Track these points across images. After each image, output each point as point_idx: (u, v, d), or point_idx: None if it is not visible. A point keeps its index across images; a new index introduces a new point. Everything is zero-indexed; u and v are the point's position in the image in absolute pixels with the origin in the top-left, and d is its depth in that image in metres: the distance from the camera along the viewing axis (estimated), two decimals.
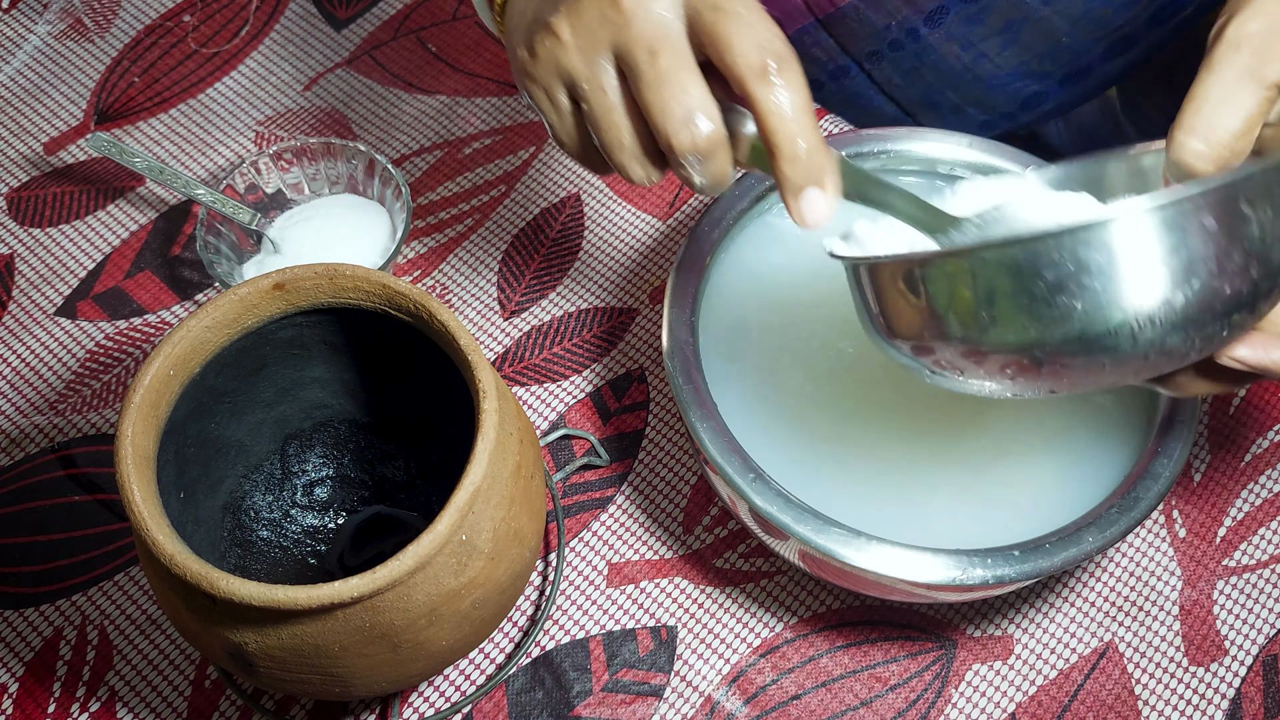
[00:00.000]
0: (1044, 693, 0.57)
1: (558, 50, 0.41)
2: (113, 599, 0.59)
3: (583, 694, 0.56)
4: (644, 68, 0.39)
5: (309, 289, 0.48)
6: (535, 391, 0.65)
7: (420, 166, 0.73)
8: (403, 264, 0.70)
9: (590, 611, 0.58)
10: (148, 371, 0.45)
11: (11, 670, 0.57)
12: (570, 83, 0.42)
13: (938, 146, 0.60)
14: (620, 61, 0.40)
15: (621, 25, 0.39)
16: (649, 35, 0.39)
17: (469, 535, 0.44)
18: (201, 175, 0.73)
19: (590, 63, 0.41)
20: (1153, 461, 0.50)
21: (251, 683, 0.51)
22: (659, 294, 0.68)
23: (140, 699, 0.56)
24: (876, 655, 0.57)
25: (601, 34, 0.40)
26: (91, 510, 0.61)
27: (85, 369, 0.66)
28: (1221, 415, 0.64)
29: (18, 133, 0.75)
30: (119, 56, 0.78)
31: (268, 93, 0.77)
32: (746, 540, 0.60)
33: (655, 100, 0.39)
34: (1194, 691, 0.57)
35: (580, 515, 0.61)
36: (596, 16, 0.40)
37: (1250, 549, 0.60)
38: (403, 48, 0.79)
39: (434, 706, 0.56)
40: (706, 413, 0.51)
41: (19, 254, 0.70)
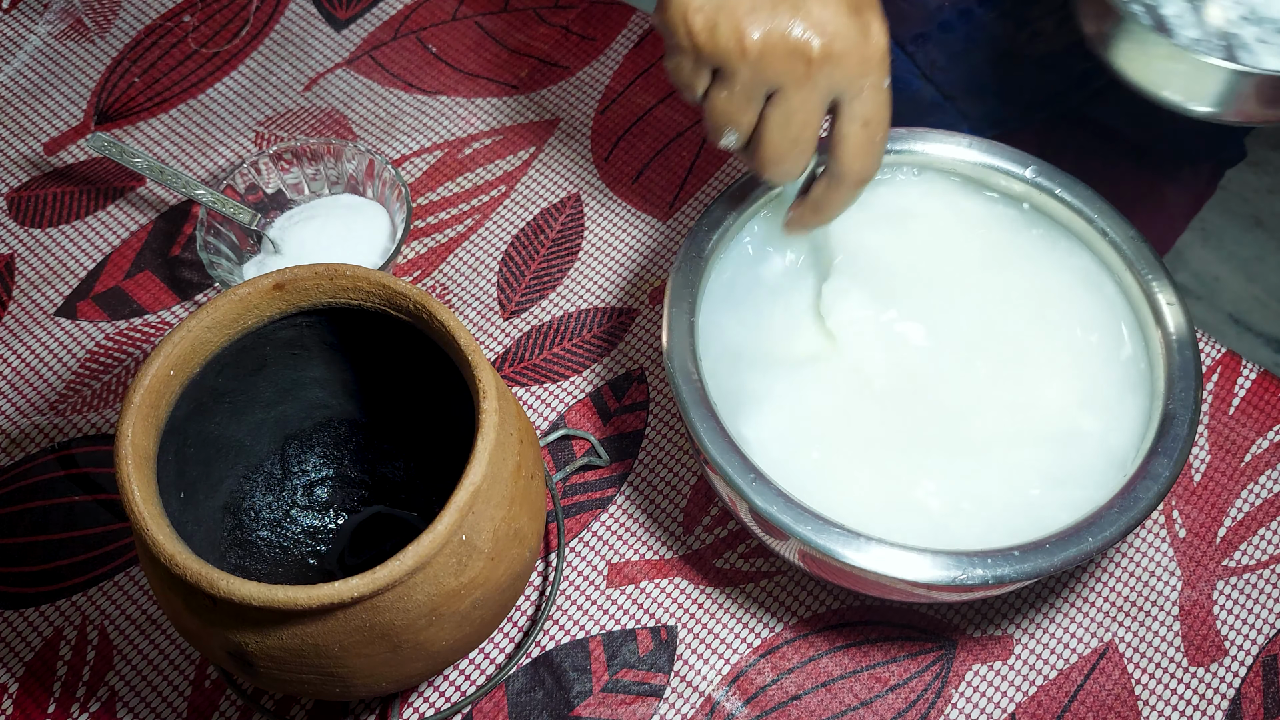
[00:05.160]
0: (1044, 693, 0.57)
1: (745, 67, 0.47)
2: (113, 599, 0.59)
3: (583, 694, 0.56)
4: (792, 115, 0.48)
5: (309, 289, 0.48)
6: (535, 391, 0.65)
7: (420, 166, 0.73)
8: (403, 264, 0.70)
9: (590, 611, 0.58)
10: (148, 371, 0.45)
11: (11, 670, 0.57)
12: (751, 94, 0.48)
13: (938, 146, 0.60)
14: (774, 94, 0.48)
15: (800, 77, 0.46)
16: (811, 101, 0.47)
17: (469, 535, 0.44)
18: (201, 175, 0.73)
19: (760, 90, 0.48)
20: (1153, 461, 0.50)
21: (251, 683, 0.51)
22: (659, 294, 0.68)
23: (140, 699, 0.56)
24: (876, 655, 0.57)
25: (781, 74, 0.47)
26: (91, 510, 0.61)
27: (85, 369, 0.66)
28: (1221, 415, 0.64)
29: (18, 133, 0.75)
30: (119, 56, 0.78)
31: (268, 93, 0.77)
32: (746, 540, 0.60)
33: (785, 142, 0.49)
34: (1194, 691, 0.57)
35: (580, 515, 0.61)
36: (784, 57, 0.46)
37: (1250, 549, 0.60)
38: (403, 48, 0.79)
39: (434, 706, 0.56)
40: (706, 413, 0.51)
41: (19, 254, 0.70)
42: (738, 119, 0.49)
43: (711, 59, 0.47)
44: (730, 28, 0.45)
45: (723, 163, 0.74)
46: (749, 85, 0.47)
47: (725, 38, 0.46)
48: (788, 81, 0.47)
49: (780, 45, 0.45)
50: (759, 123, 0.49)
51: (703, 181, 0.73)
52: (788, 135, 0.48)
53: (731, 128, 0.50)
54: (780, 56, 0.46)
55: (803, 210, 0.54)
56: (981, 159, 0.59)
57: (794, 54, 0.46)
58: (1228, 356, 0.66)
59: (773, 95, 0.48)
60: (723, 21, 0.46)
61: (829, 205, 0.52)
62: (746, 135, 0.50)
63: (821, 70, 0.46)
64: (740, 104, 0.48)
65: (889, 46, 0.47)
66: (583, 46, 0.79)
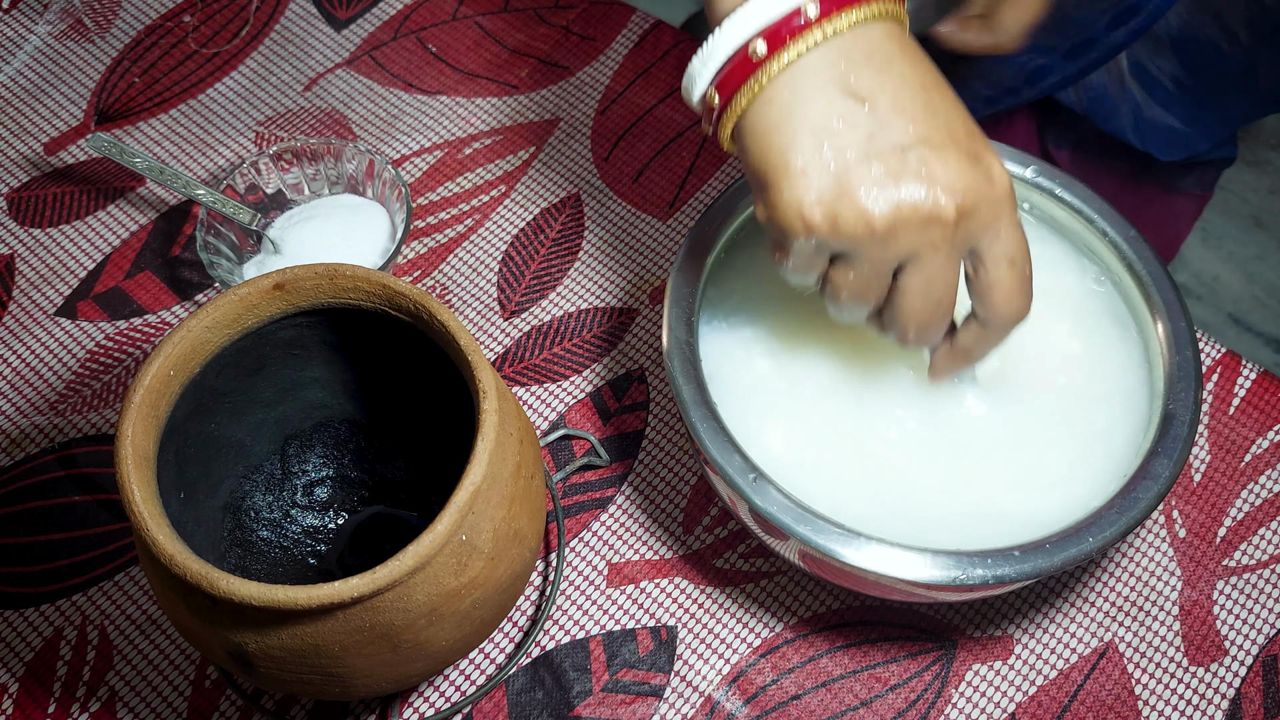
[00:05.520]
0: (1044, 693, 0.57)
1: (871, 244, 0.43)
2: (113, 599, 0.59)
3: (583, 694, 0.56)
4: (933, 281, 0.45)
5: (309, 289, 0.48)
6: (535, 391, 0.65)
7: (420, 166, 0.73)
8: (403, 264, 0.70)
9: (590, 611, 0.58)
10: (148, 371, 0.45)
11: (11, 670, 0.57)
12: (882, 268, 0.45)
13: None
14: (907, 262, 0.44)
15: (937, 242, 0.43)
16: (950, 262, 0.44)
17: (469, 535, 0.44)
18: (201, 175, 0.73)
19: (891, 261, 0.44)
20: (1153, 461, 0.50)
21: (251, 683, 0.51)
22: (659, 294, 0.68)
23: (140, 699, 0.56)
24: (876, 655, 0.57)
25: (910, 245, 0.43)
26: (91, 510, 0.61)
27: (85, 369, 0.66)
28: (1221, 415, 0.64)
29: (18, 133, 0.75)
30: (119, 57, 0.78)
31: (268, 93, 0.77)
32: (746, 540, 0.60)
33: (928, 308, 0.46)
34: (1194, 691, 0.57)
35: (580, 515, 0.61)
36: (918, 228, 0.43)
37: (1250, 549, 0.60)
38: (403, 48, 0.79)
39: (434, 706, 0.56)
40: (706, 413, 0.51)
41: (19, 254, 0.70)
42: (868, 295, 0.45)
43: (836, 246, 0.43)
44: (854, 213, 0.42)
45: (723, 163, 0.74)
46: (880, 262, 0.43)
47: (851, 224, 0.42)
48: (924, 249, 0.43)
49: (912, 217, 0.42)
50: (896, 294, 0.45)
51: (703, 181, 0.73)
52: (930, 301, 0.45)
53: (863, 302, 0.46)
54: (913, 228, 0.42)
55: (952, 356, 0.50)
56: None
57: (928, 222, 0.42)
58: (1228, 356, 0.66)
59: (905, 264, 0.44)
60: (845, 209, 0.42)
61: (980, 350, 0.49)
62: (878, 307, 0.47)
63: (958, 229, 0.43)
64: (871, 281, 0.45)
65: (1011, 184, 0.44)
66: (583, 46, 0.79)
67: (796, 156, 0.42)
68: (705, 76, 0.44)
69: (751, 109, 0.43)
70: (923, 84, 0.43)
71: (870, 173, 0.41)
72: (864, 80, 0.42)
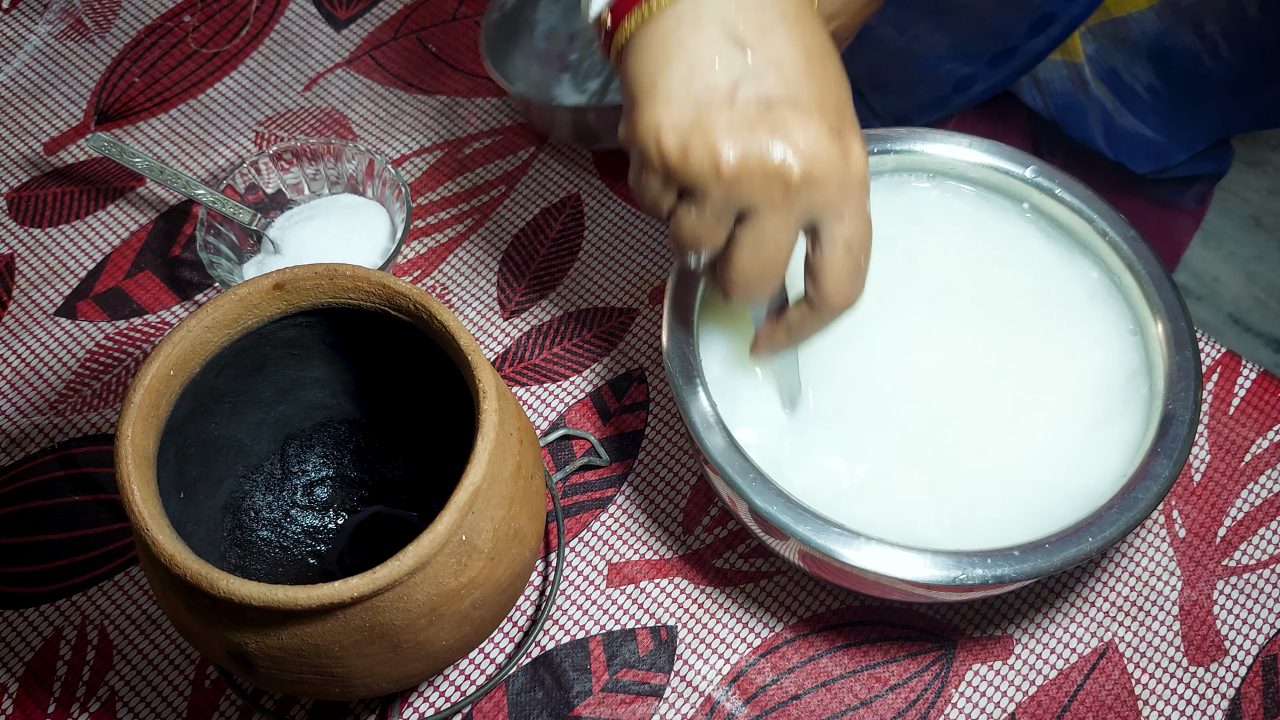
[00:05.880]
0: (1044, 693, 0.57)
1: (718, 187, 0.43)
2: (113, 599, 0.59)
3: (583, 694, 0.56)
4: (764, 239, 0.45)
5: (309, 289, 0.48)
6: (535, 391, 0.65)
7: (420, 166, 0.73)
8: (403, 264, 0.70)
9: (590, 611, 0.58)
10: (148, 371, 0.45)
11: (11, 670, 0.57)
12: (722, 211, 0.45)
13: (938, 147, 0.60)
14: (745, 215, 0.44)
15: (776, 200, 0.43)
16: (786, 224, 0.44)
17: (469, 535, 0.44)
18: (201, 175, 0.73)
19: (730, 210, 0.44)
20: (1153, 461, 0.50)
21: (251, 683, 0.51)
22: (659, 294, 0.68)
23: (140, 699, 0.56)
24: (876, 655, 0.57)
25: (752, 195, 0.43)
26: (91, 510, 0.61)
27: (85, 369, 0.66)
28: (1221, 415, 0.64)
29: (18, 133, 0.75)
30: (119, 56, 0.78)
31: (268, 93, 0.77)
32: (746, 540, 0.60)
33: (756, 266, 0.46)
34: (1194, 691, 0.57)
35: (580, 515, 0.61)
36: (761, 181, 0.43)
37: (1250, 549, 0.60)
38: (403, 48, 0.79)
39: (434, 706, 0.56)
40: (707, 413, 0.51)
41: (19, 254, 0.70)
42: (706, 240, 0.46)
43: (683, 180, 0.44)
44: (705, 149, 0.42)
45: None
46: (720, 207, 0.44)
47: (699, 158, 0.42)
48: (763, 204, 0.43)
49: (758, 168, 0.42)
50: (728, 245, 0.46)
51: None
52: (759, 259, 0.45)
53: (700, 247, 0.46)
54: (757, 179, 0.43)
55: (774, 332, 0.51)
56: (981, 159, 0.59)
57: (771, 177, 0.42)
58: (1228, 356, 0.66)
59: (744, 217, 0.45)
60: (697, 142, 0.42)
61: (802, 330, 0.50)
62: (714, 256, 0.47)
63: (800, 194, 0.43)
64: (710, 225, 0.45)
65: (867, 170, 0.44)
66: None
67: (665, 81, 0.43)
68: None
69: (638, 32, 0.44)
70: (808, 50, 0.44)
71: (730, 116, 0.42)
72: (750, 29, 0.43)
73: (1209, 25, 0.68)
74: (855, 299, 0.48)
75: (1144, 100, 0.72)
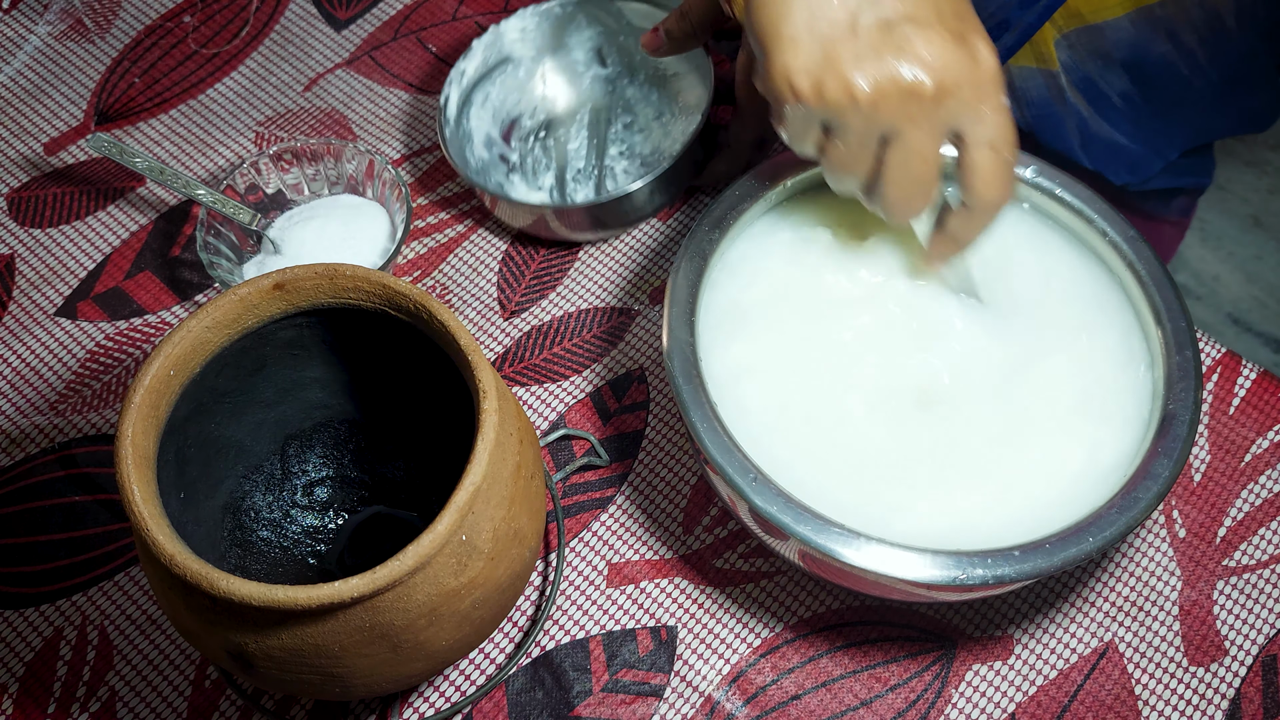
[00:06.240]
0: (1044, 693, 0.57)
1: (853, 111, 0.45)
2: (113, 599, 0.59)
3: (583, 694, 0.56)
4: (911, 156, 0.47)
5: (309, 289, 0.48)
6: (535, 391, 0.65)
7: (420, 166, 0.73)
8: (403, 264, 0.70)
9: (590, 611, 0.58)
10: (148, 371, 0.45)
11: (11, 670, 0.57)
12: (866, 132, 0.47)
13: None
14: (890, 137, 0.46)
15: (916, 117, 0.45)
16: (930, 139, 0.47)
17: (469, 535, 0.44)
18: (201, 175, 0.73)
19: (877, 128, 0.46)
20: (1153, 461, 0.50)
21: (251, 683, 0.51)
22: (659, 294, 0.68)
23: (140, 699, 0.56)
24: (876, 655, 0.57)
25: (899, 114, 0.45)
26: (91, 510, 0.61)
27: (85, 369, 0.66)
28: (1221, 415, 0.64)
29: (18, 133, 0.75)
30: (119, 57, 0.78)
31: (268, 93, 0.77)
32: (746, 540, 0.60)
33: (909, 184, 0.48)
34: (1194, 691, 0.57)
35: (580, 515, 0.61)
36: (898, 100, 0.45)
37: (1250, 549, 0.60)
38: (403, 48, 0.79)
39: (434, 707, 0.56)
40: (706, 413, 0.51)
41: (19, 254, 0.70)
42: (857, 168, 0.48)
43: (824, 116, 0.46)
44: (838, 83, 0.44)
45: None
46: (864, 134, 0.46)
47: (834, 93, 0.44)
48: (904, 124, 0.45)
49: (892, 90, 0.44)
50: (880, 167, 0.48)
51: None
52: (910, 176, 0.47)
53: (853, 175, 0.49)
54: (894, 102, 0.44)
55: (941, 242, 0.53)
56: None
57: (908, 97, 0.44)
58: (1228, 356, 0.66)
59: (889, 139, 0.46)
60: (829, 79, 0.44)
61: (966, 235, 0.51)
62: (868, 181, 0.49)
63: (937, 106, 0.45)
64: (858, 153, 0.47)
65: (999, 68, 0.46)
66: None
67: (788, 26, 0.45)
68: None
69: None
70: None
71: (855, 46, 0.44)
72: None
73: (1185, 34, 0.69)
74: (1008, 196, 0.49)
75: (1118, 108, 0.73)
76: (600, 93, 0.73)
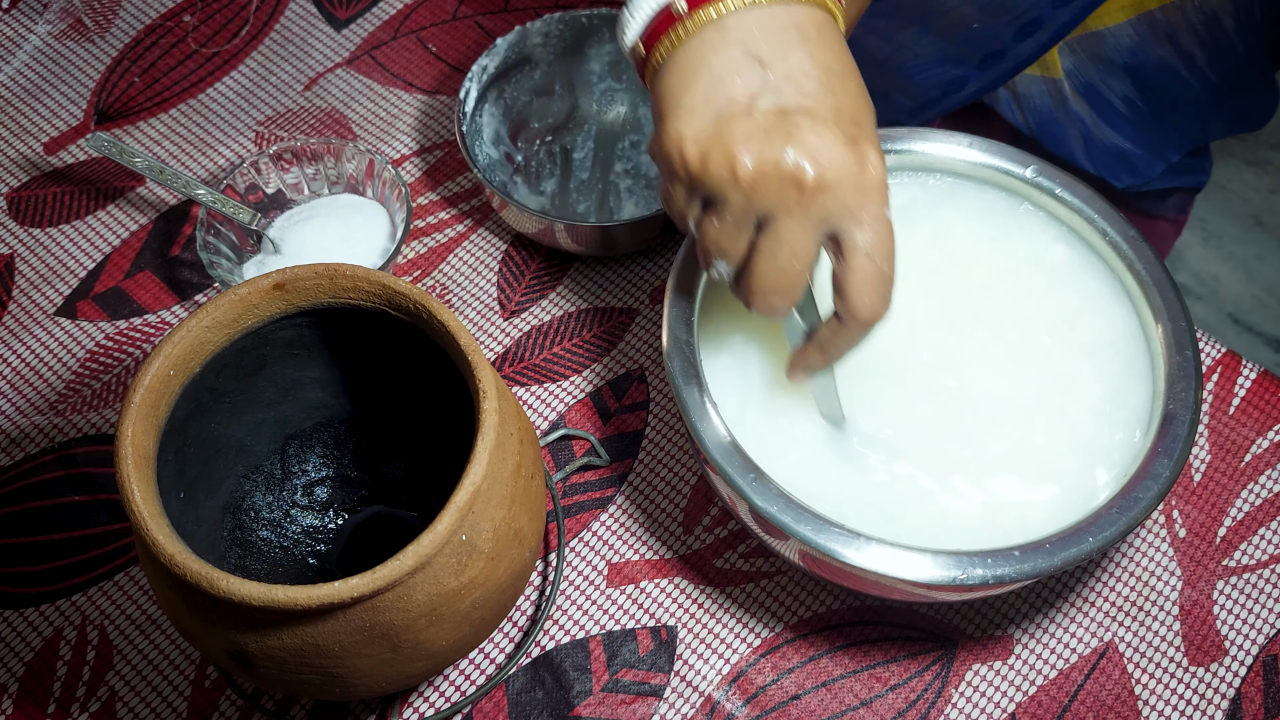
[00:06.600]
0: (1044, 693, 0.57)
1: (736, 192, 0.45)
2: (113, 599, 0.59)
3: (583, 694, 0.56)
4: (781, 243, 0.46)
5: (309, 289, 0.48)
6: (535, 391, 0.65)
7: (420, 166, 0.73)
8: (403, 264, 0.70)
9: (590, 611, 0.58)
10: (148, 371, 0.45)
11: (11, 670, 0.57)
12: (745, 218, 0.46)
13: (938, 146, 0.60)
14: (764, 222, 0.46)
15: (791, 204, 0.45)
16: (803, 230, 0.45)
17: (469, 535, 0.44)
18: (201, 175, 0.73)
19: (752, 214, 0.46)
20: (1153, 461, 0.50)
21: (251, 683, 0.51)
22: (659, 294, 0.68)
23: (140, 699, 0.56)
24: (876, 655, 0.57)
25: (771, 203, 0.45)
26: (91, 510, 0.61)
27: (85, 369, 0.66)
28: (1221, 415, 0.64)
29: (18, 133, 0.75)
30: (119, 56, 0.78)
31: (268, 93, 0.77)
32: (746, 540, 0.60)
33: (775, 273, 0.47)
34: (1194, 691, 0.57)
35: (580, 515, 0.61)
36: (776, 187, 0.45)
37: (1250, 549, 0.60)
38: (403, 48, 0.79)
39: (434, 707, 0.56)
40: (706, 413, 0.51)
41: (19, 254, 0.70)
42: (729, 248, 0.47)
43: (704, 188, 0.46)
44: (722, 155, 0.44)
45: None
46: (740, 213, 0.45)
47: (718, 166, 0.44)
48: (779, 209, 0.44)
49: (773, 172, 0.44)
50: (750, 254, 0.47)
51: None
52: (776, 264, 0.46)
53: (723, 257, 0.48)
54: (772, 184, 0.44)
55: (807, 352, 0.51)
56: (981, 158, 0.59)
57: (786, 181, 0.44)
58: (1228, 356, 0.66)
59: (763, 225, 0.46)
60: (715, 150, 0.44)
61: (835, 347, 0.49)
62: (737, 265, 0.48)
63: (815, 199, 0.44)
64: (731, 233, 0.46)
65: (886, 179, 0.45)
66: None
67: (688, 95, 0.45)
68: (634, 28, 0.48)
69: (668, 58, 0.46)
70: (828, 67, 0.45)
71: (747, 124, 0.44)
72: (769, 48, 0.45)
73: (1185, 38, 0.69)
74: (882, 311, 0.47)
75: (1120, 112, 0.73)
76: (611, 107, 0.73)
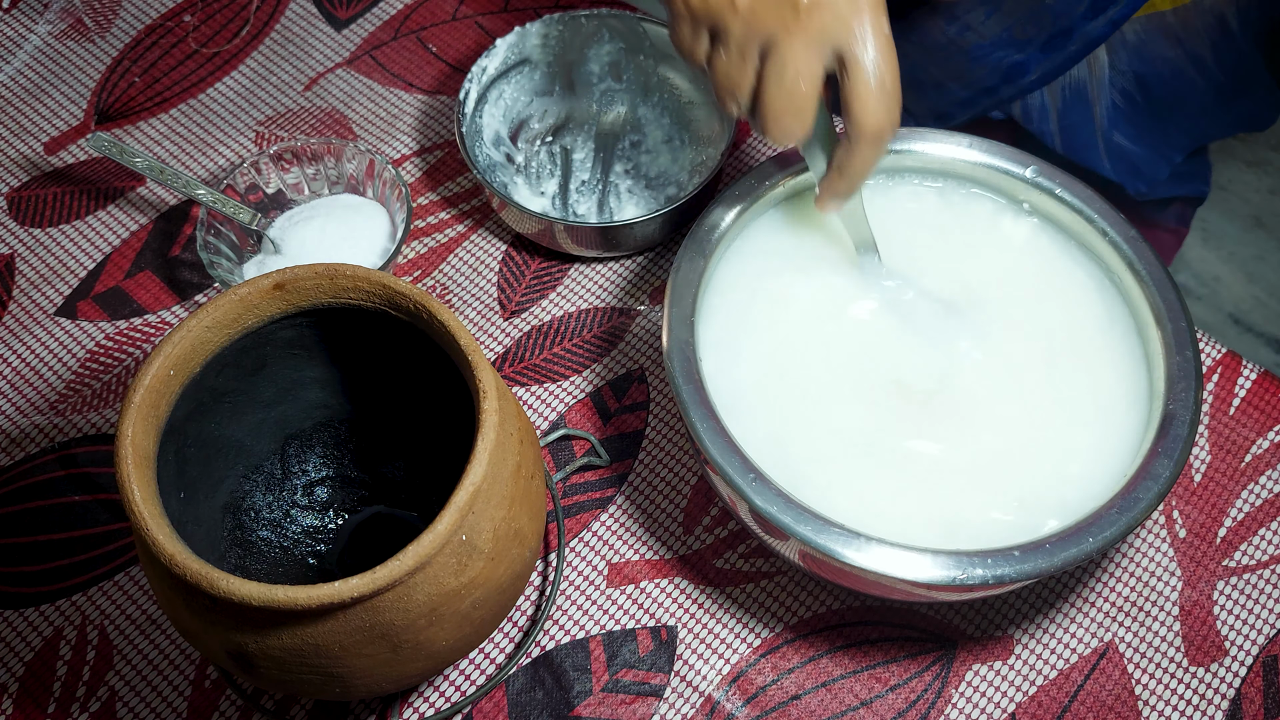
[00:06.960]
0: (1044, 693, 0.57)
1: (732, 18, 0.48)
2: (113, 599, 0.59)
3: (583, 694, 0.56)
4: (785, 66, 0.48)
5: (309, 289, 0.48)
6: (535, 391, 0.65)
7: (420, 166, 0.73)
8: (403, 264, 0.70)
9: (590, 611, 0.58)
10: (148, 371, 0.45)
11: (11, 670, 0.57)
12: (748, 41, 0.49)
13: (938, 146, 0.60)
14: (767, 49, 0.48)
15: (790, 25, 0.47)
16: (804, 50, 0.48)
17: (469, 535, 0.44)
18: (201, 175, 0.73)
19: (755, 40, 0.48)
20: (1153, 461, 0.50)
21: (251, 683, 0.51)
22: (659, 294, 0.68)
23: (140, 699, 0.56)
24: (876, 655, 0.57)
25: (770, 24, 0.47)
26: (91, 510, 0.61)
27: (85, 369, 0.66)
28: (1221, 415, 0.64)
29: (18, 133, 0.75)
30: (119, 56, 0.78)
31: (268, 93, 0.77)
32: (746, 540, 0.60)
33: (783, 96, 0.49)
34: (1194, 691, 0.57)
35: (580, 515, 0.61)
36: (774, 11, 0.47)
37: (1250, 549, 0.60)
38: (403, 48, 0.79)
39: (434, 707, 0.56)
40: (706, 413, 0.51)
41: (19, 254, 0.70)
42: (738, 78, 0.49)
43: (706, 20, 0.48)
44: None
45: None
46: (743, 42, 0.48)
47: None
48: (778, 31, 0.47)
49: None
50: (759, 82, 0.49)
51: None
52: (784, 86, 0.48)
53: (735, 89, 0.50)
54: (769, 6, 0.46)
55: (829, 180, 0.53)
56: (981, 159, 0.59)
57: (782, 2, 0.46)
58: (1228, 357, 0.66)
59: (767, 52, 0.48)
60: None
61: (851, 168, 0.51)
62: (749, 97, 0.50)
63: (812, 16, 0.46)
64: (738, 64, 0.49)
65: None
66: None
67: None
68: None
69: None
70: None
71: None
72: None
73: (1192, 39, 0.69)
74: (888, 124, 0.49)
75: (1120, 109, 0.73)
76: (611, 107, 0.73)
